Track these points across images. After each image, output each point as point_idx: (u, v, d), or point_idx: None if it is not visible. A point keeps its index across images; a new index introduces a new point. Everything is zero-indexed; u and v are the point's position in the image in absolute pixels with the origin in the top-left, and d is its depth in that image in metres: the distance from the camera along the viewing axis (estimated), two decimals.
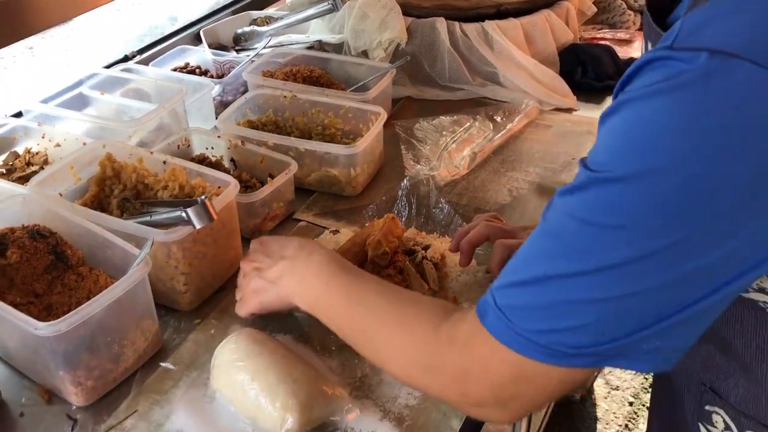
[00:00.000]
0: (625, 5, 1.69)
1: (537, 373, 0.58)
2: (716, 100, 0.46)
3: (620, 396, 2.15)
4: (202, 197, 0.85)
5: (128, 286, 0.80)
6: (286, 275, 0.81)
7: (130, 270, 0.81)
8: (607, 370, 2.23)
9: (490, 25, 1.40)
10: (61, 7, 0.93)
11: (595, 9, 1.60)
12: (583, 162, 0.54)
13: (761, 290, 0.62)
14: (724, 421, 0.73)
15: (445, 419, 0.79)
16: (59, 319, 0.74)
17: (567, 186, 0.55)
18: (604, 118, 0.54)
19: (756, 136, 0.46)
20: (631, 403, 2.12)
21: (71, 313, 0.75)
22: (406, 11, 1.42)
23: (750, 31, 0.47)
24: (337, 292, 0.76)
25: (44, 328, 0.74)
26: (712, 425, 0.75)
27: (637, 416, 2.08)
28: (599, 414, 2.11)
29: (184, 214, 0.83)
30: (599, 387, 2.19)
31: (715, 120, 0.46)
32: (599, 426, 2.07)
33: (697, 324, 0.54)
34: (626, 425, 2.06)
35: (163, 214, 0.88)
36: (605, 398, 2.15)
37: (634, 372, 1.94)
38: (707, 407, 0.75)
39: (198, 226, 0.84)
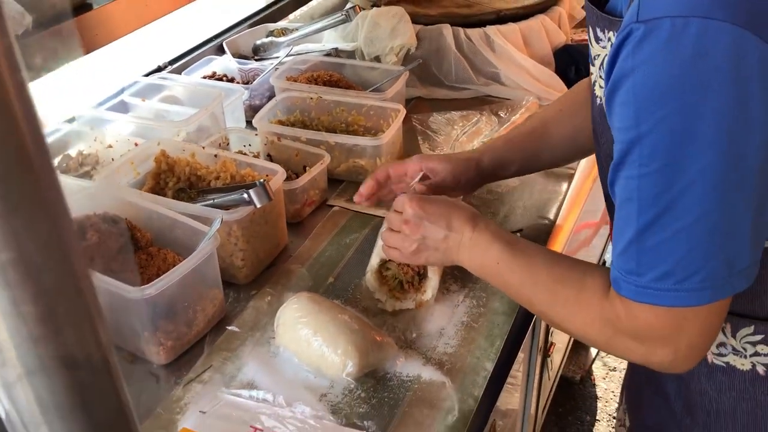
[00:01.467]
0: None
1: (688, 316, 0.68)
2: (683, 52, 0.60)
3: (618, 376, 2.29)
4: (261, 180, 0.98)
5: (202, 257, 0.92)
6: (455, 247, 0.89)
7: (202, 243, 0.93)
8: (603, 353, 2.36)
9: (491, 30, 1.54)
10: (124, 21, 1.05)
11: (584, 13, 1.75)
12: (612, 139, 0.68)
13: None
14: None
15: (479, 362, 0.92)
16: (149, 284, 0.87)
17: (613, 162, 0.68)
18: (610, 96, 0.67)
19: (718, 70, 0.59)
20: None
21: (158, 279, 0.88)
22: (415, 19, 1.56)
23: None
24: (507, 268, 0.85)
25: (135, 292, 0.86)
26: None
27: None
28: (599, 393, 2.24)
29: (246, 195, 0.96)
30: (598, 369, 2.32)
31: (687, 66, 0.60)
32: (599, 404, 2.21)
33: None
34: None
35: (225, 197, 1.00)
36: (604, 378, 2.29)
37: None
38: None
39: (259, 205, 0.96)
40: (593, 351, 2.34)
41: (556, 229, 1.18)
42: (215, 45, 1.69)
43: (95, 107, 1.35)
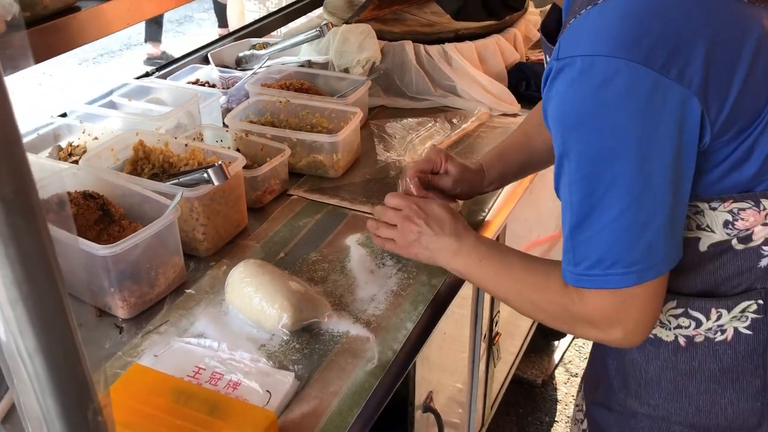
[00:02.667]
0: None
1: (628, 297, 0.80)
2: (591, 83, 0.75)
3: (578, 382, 2.39)
4: (219, 162, 1.12)
5: (164, 224, 1.06)
6: (443, 250, 1.03)
7: (165, 213, 1.08)
8: (567, 359, 2.48)
9: (449, 47, 1.70)
10: (96, 26, 1.20)
11: (539, 35, 1.91)
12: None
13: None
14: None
15: (402, 322, 1.06)
16: (115, 243, 1.01)
17: (554, 173, 0.83)
18: (545, 120, 0.82)
19: (619, 96, 0.73)
20: None
21: (123, 239, 1.02)
22: (381, 36, 1.72)
23: (599, 37, 0.75)
24: (488, 264, 0.99)
25: (102, 249, 1.00)
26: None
27: None
28: (559, 397, 2.35)
29: (205, 174, 1.11)
30: (560, 374, 2.43)
31: (595, 94, 0.74)
32: (559, 407, 2.31)
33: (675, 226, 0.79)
34: None
35: (188, 176, 1.14)
36: (565, 383, 2.40)
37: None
38: None
39: (216, 183, 1.11)
40: (556, 357, 2.46)
41: (486, 224, 1.31)
42: (201, 55, 1.85)
43: (86, 104, 1.51)
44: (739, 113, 0.77)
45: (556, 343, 2.49)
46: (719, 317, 0.89)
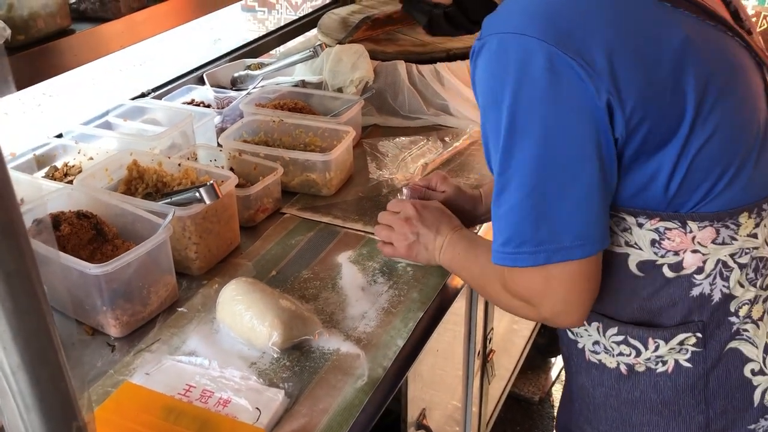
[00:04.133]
0: None
1: (552, 275, 0.81)
2: (506, 60, 0.77)
3: None
4: (211, 181, 1.13)
5: (156, 243, 1.07)
6: (439, 247, 1.09)
7: (158, 232, 1.09)
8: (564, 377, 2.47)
9: (441, 67, 1.72)
10: (95, 48, 1.22)
11: None
12: None
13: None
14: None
15: (392, 339, 1.06)
16: (107, 262, 1.02)
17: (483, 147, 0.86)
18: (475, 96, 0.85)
19: (522, 78, 0.76)
20: None
21: (115, 258, 1.03)
22: (373, 56, 1.74)
23: (511, 17, 0.79)
24: (464, 256, 1.05)
25: (95, 268, 1.01)
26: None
27: None
28: (556, 414, 2.34)
29: (197, 194, 1.12)
30: (557, 391, 2.43)
31: (509, 70, 0.77)
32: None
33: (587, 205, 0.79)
34: None
35: (180, 195, 1.16)
36: None
37: None
38: None
39: (208, 202, 1.12)
40: (553, 374, 2.45)
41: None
42: (196, 76, 1.87)
43: (82, 124, 1.52)
44: (655, 114, 0.77)
45: (553, 359, 2.49)
46: (657, 347, 0.88)
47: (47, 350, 0.49)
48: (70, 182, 1.43)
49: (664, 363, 0.89)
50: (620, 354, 0.91)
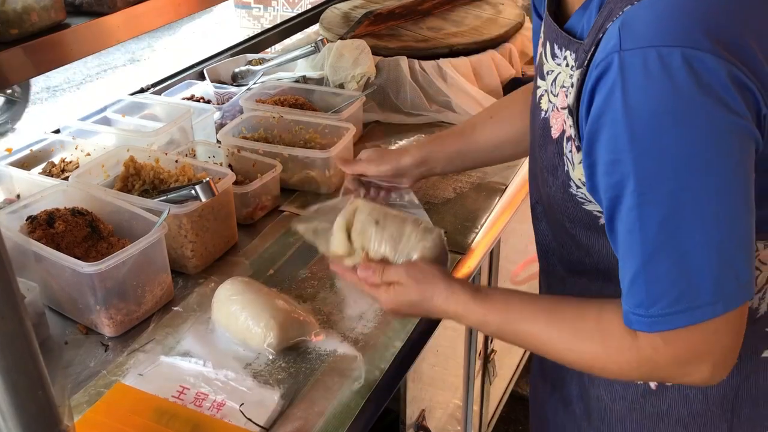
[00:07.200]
0: None
1: (719, 327, 0.68)
2: (676, 82, 0.62)
3: None
4: (207, 178, 1.12)
5: (151, 242, 1.06)
6: (443, 310, 0.88)
7: (152, 230, 1.07)
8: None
9: (444, 63, 1.69)
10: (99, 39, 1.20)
11: None
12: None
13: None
14: None
15: (390, 341, 1.04)
16: (100, 261, 1.00)
17: (609, 196, 0.70)
18: (595, 127, 0.68)
19: (710, 97, 0.63)
20: None
21: (109, 257, 1.01)
22: (375, 51, 1.71)
23: (662, 24, 0.64)
24: (494, 324, 0.85)
25: (88, 267, 1.00)
26: None
27: None
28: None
29: (193, 191, 1.10)
30: None
31: (682, 96, 0.62)
32: None
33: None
34: None
35: (177, 192, 1.14)
36: None
37: None
38: None
39: (204, 199, 1.10)
40: None
41: (477, 244, 1.30)
42: (197, 71, 1.85)
43: (80, 120, 1.50)
44: None
45: None
46: None
47: (25, 357, 0.47)
48: (67, 178, 1.42)
49: None
50: None
